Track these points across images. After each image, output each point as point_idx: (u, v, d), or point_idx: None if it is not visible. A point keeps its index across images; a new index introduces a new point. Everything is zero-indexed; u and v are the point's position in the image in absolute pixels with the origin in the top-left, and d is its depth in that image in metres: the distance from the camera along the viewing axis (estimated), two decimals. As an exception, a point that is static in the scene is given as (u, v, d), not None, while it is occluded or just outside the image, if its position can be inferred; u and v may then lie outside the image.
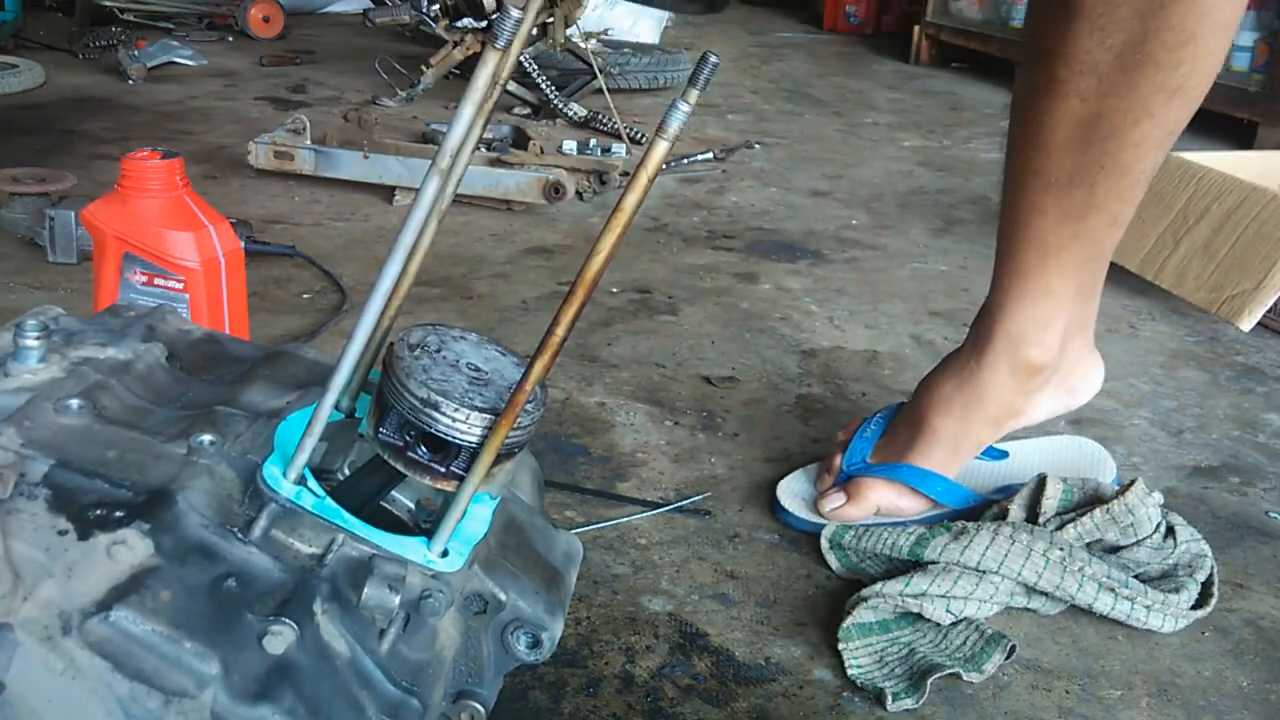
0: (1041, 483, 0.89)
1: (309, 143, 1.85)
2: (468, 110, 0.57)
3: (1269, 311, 1.38)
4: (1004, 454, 1.00)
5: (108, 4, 3.34)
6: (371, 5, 3.25)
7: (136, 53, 2.71)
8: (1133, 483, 0.87)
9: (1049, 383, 0.91)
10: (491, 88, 0.58)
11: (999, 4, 3.46)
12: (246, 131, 2.12)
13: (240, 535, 0.52)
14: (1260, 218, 1.42)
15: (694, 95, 0.52)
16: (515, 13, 0.57)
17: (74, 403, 0.56)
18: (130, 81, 2.63)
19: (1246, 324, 1.36)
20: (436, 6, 2.62)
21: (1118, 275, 1.56)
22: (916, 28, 3.71)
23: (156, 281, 1.00)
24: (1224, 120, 2.65)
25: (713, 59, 0.53)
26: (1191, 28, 0.74)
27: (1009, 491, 0.91)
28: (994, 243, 0.89)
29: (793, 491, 0.96)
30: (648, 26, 3.43)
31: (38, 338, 0.59)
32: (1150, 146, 0.79)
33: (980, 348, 0.89)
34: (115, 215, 1.01)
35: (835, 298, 1.50)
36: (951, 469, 0.92)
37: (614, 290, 1.46)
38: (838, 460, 0.95)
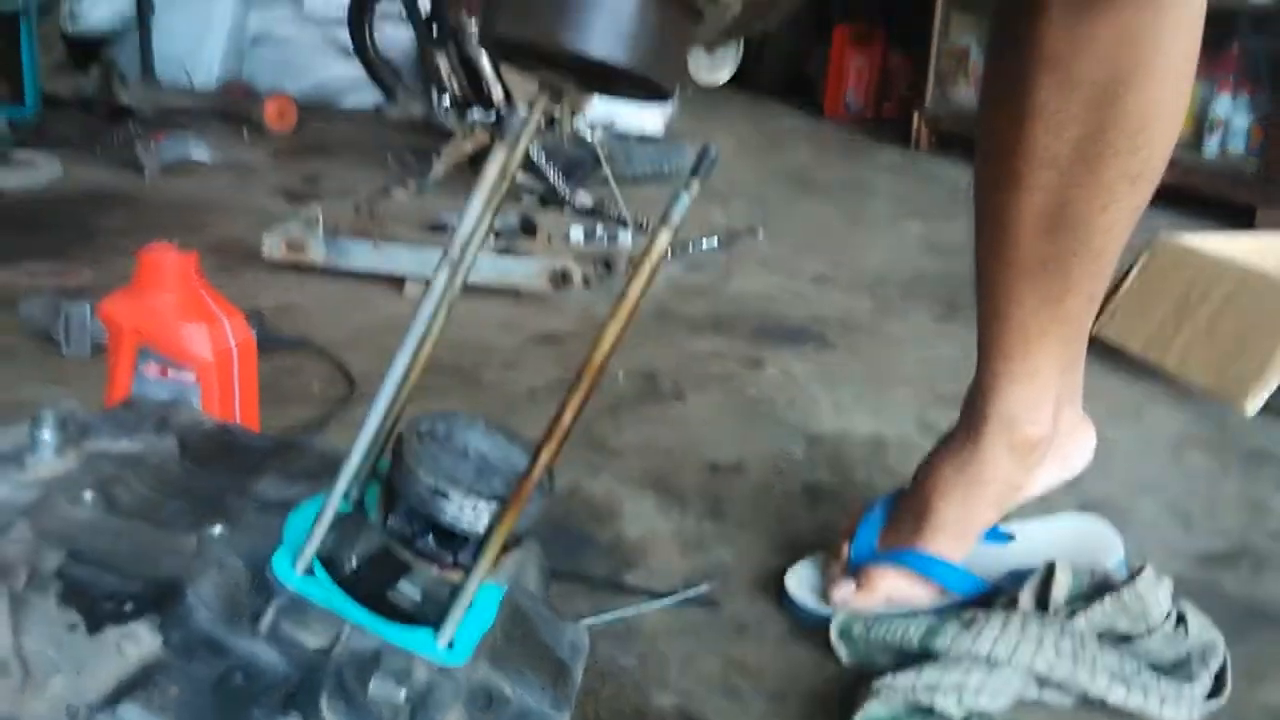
0: (1050, 570, 0.89)
1: (321, 234, 1.88)
2: (478, 203, 0.59)
3: (1274, 395, 1.38)
4: (1010, 537, 1.00)
5: (126, 101, 3.42)
6: (384, 99, 3.33)
7: (153, 147, 2.77)
8: (1142, 569, 0.87)
9: (1046, 455, 0.91)
10: (501, 181, 0.60)
11: (997, 93, 3.53)
12: (260, 224, 2.15)
13: (248, 627, 0.53)
14: (1260, 301, 1.43)
15: (696, 185, 0.54)
16: (523, 111, 0.59)
17: (87, 495, 0.56)
18: (146, 177, 2.69)
19: (1251, 408, 1.36)
20: (447, 99, 2.69)
21: (1121, 358, 1.57)
22: (916, 115, 3.78)
23: (170, 373, 1.02)
24: (1223, 202, 2.69)
25: (713, 150, 0.54)
26: (1146, 115, 0.75)
27: (1017, 577, 0.91)
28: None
29: (801, 581, 0.96)
30: (652, 117, 3.50)
31: (54, 431, 0.60)
32: (1120, 228, 0.80)
33: (975, 430, 0.90)
34: (131, 309, 1.03)
35: (841, 383, 1.51)
36: (959, 553, 0.92)
37: (620, 376, 1.47)
38: (845, 548, 0.95)
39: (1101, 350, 1.55)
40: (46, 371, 1.41)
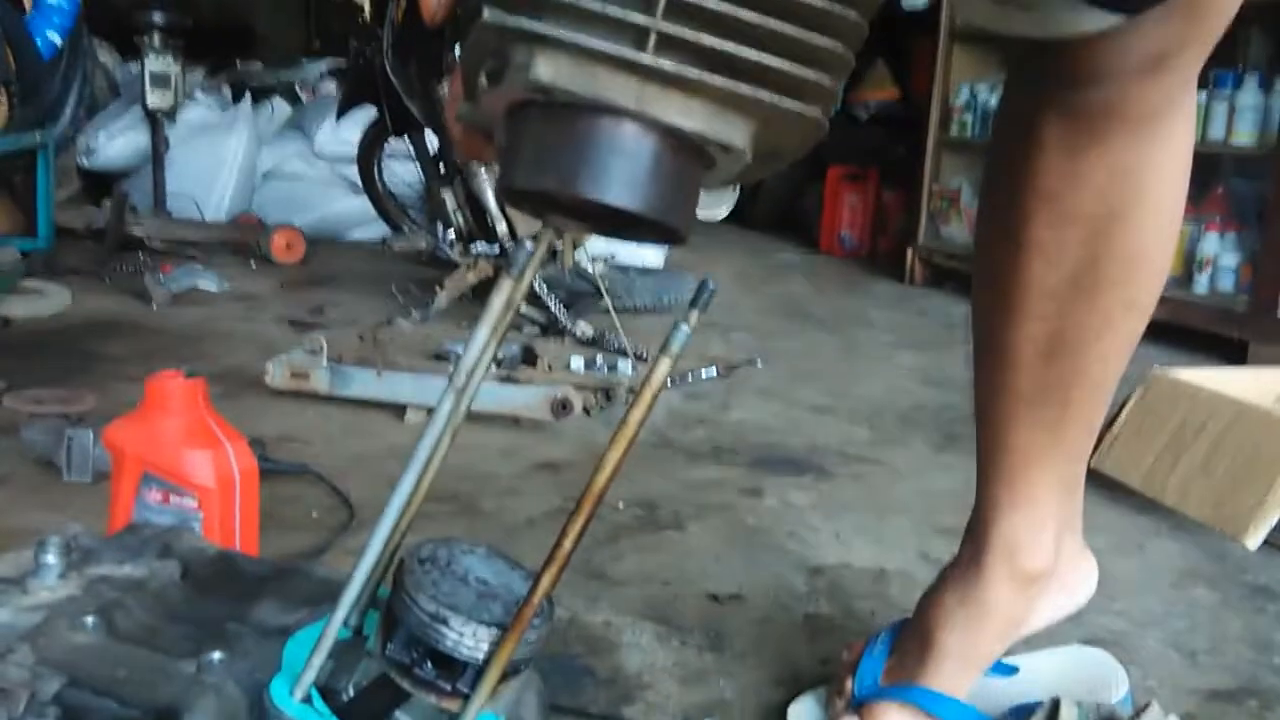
0: (1056, 705, 0.88)
1: (325, 362, 1.90)
2: (483, 332, 0.61)
3: (1276, 529, 1.38)
4: (1014, 669, 0.98)
5: (137, 232, 3.50)
6: (390, 232, 3.41)
7: (161, 278, 2.83)
8: (1148, 706, 0.86)
9: (1048, 587, 0.91)
10: (506, 311, 0.61)
11: (988, 230, 3.61)
12: (265, 352, 2.18)
13: (244, 757, 0.52)
14: (1256, 435, 1.44)
15: (695, 316, 0.55)
16: (529, 245, 0.61)
17: (89, 620, 0.56)
18: (154, 305, 2.73)
19: (1252, 542, 1.35)
20: (452, 232, 2.76)
21: (1121, 491, 1.57)
22: (909, 250, 3.86)
23: (172, 499, 1.02)
24: (1215, 338, 2.73)
25: (711, 283, 0.56)
26: (1140, 247, 0.78)
27: (1022, 711, 0.89)
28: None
29: (804, 716, 0.94)
30: (652, 250, 3.58)
31: (58, 556, 0.61)
32: (1117, 356, 0.81)
33: (977, 559, 0.90)
34: (136, 434, 1.04)
35: (841, 513, 1.50)
36: (963, 687, 0.90)
37: (620, 505, 1.47)
38: (848, 683, 0.94)
39: (1101, 482, 1.56)
40: (46, 498, 1.41)
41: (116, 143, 3.99)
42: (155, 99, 3.84)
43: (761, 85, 0.46)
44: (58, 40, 3.18)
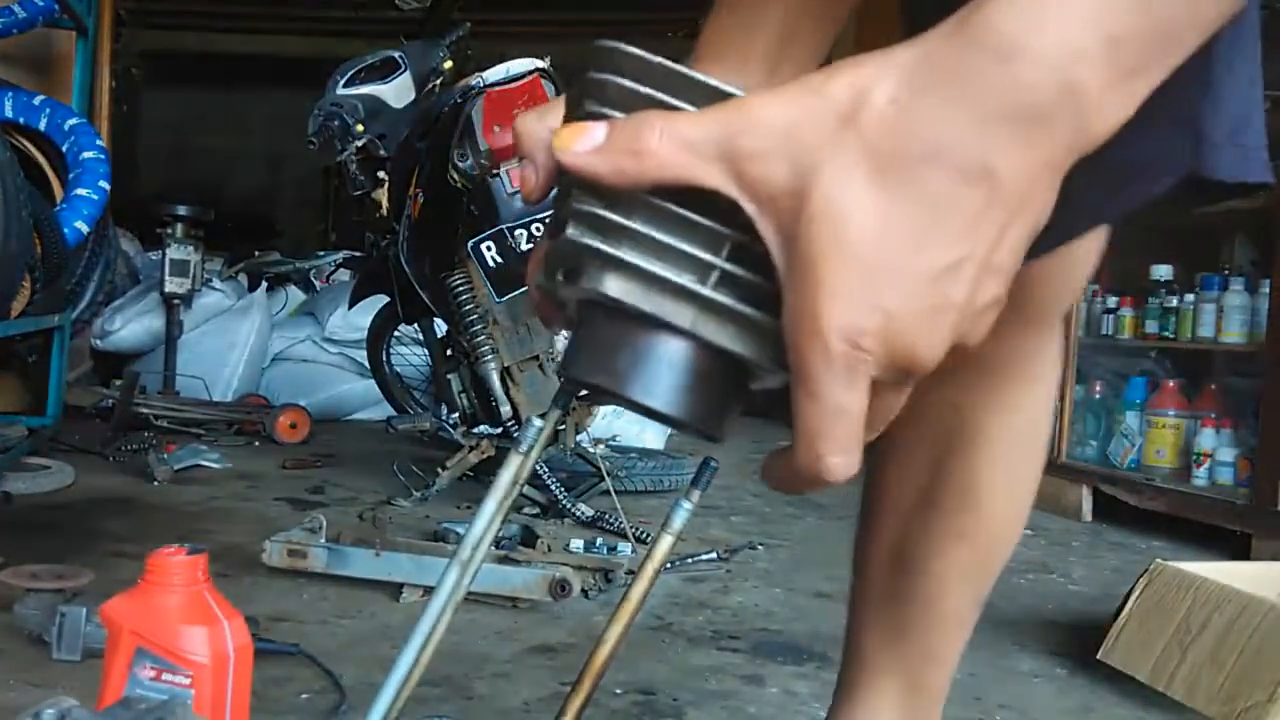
0: None
1: (323, 541, 1.90)
2: (490, 506, 0.62)
3: (1288, 723, 1.34)
4: None
5: (143, 411, 3.54)
6: (394, 413, 3.45)
7: (165, 456, 2.84)
8: None
9: None
10: (512, 487, 0.63)
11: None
12: (263, 530, 2.18)
13: None
14: (1263, 628, 1.43)
15: (696, 495, 0.57)
16: (537, 422, 0.63)
17: (77, 793, 0.56)
18: (155, 483, 2.74)
19: (1267, 736, 1.32)
20: (456, 415, 2.79)
21: (1129, 686, 1.53)
22: (910, 440, 3.88)
23: (164, 677, 1.01)
24: (1217, 532, 2.71)
25: (713, 464, 0.58)
26: (971, 483, 0.80)
27: None
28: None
29: None
30: (653, 434, 3.61)
31: (51, 726, 0.60)
32: (954, 584, 0.82)
33: None
34: (133, 610, 1.03)
35: (843, 704, 1.47)
36: None
37: (617, 692, 1.44)
38: None
39: (1109, 674, 1.53)
40: (33, 674, 1.38)
41: (131, 326, 4.09)
42: (173, 285, 3.97)
43: None
44: (85, 229, 3.30)
